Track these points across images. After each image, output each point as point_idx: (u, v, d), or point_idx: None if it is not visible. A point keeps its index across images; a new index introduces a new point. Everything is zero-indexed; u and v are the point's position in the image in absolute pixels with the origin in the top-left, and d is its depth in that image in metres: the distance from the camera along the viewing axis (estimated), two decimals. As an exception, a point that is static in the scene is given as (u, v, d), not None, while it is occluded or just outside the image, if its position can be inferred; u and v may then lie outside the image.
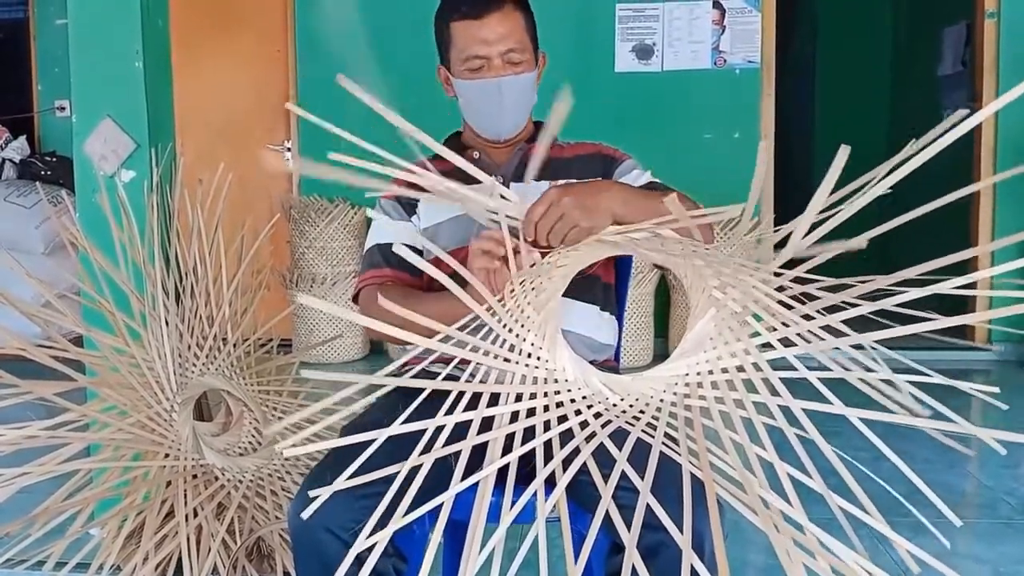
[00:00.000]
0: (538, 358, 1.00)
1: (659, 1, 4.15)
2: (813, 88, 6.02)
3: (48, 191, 4.24)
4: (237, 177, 1.90)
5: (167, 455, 1.72)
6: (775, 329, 0.87)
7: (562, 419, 0.94)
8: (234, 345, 1.86)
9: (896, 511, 0.82)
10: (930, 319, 0.74)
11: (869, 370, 0.81)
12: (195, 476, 1.72)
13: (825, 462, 0.82)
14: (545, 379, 0.99)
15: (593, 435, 0.91)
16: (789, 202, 2.26)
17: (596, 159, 1.43)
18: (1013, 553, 1.94)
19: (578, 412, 0.96)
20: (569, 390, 1.00)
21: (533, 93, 1.39)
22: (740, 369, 0.91)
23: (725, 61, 4.15)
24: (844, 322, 0.80)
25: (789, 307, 0.86)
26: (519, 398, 0.95)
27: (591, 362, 1.39)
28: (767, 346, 0.89)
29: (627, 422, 0.96)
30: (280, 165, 4.56)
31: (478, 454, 0.88)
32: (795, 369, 0.85)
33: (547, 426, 0.92)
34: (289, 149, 4.49)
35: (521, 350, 1.00)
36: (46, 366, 1.66)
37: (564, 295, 1.13)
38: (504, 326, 0.99)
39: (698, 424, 0.87)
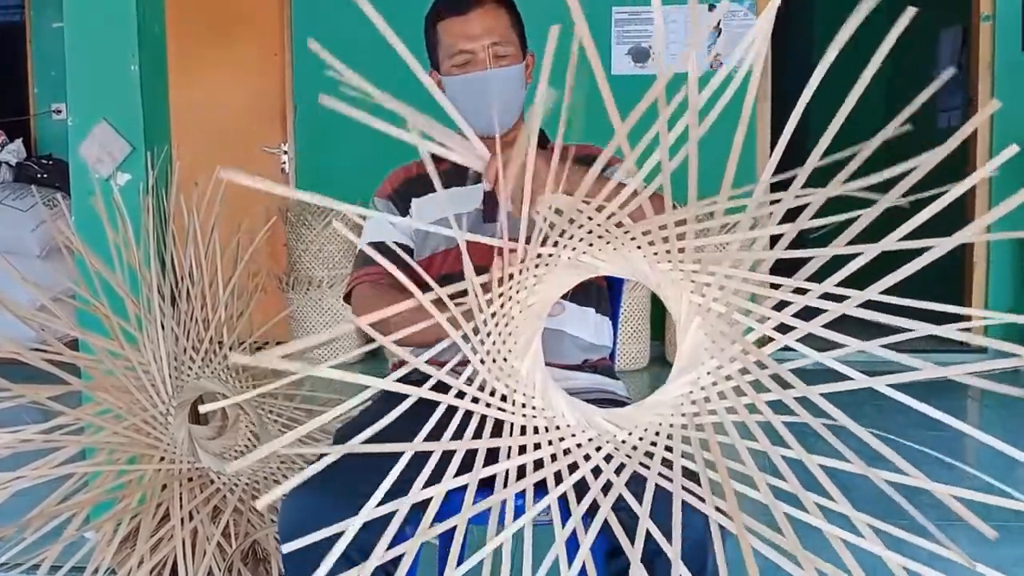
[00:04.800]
0: (533, 407, 0.95)
1: (655, 4, 4.16)
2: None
3: (44, 194, 4.23)
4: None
5: (162, 458, 1.71)
6: (767, 319, 0.85)
7: (573, 467, 0.89)
8: (230, 348, 1.85)
9: (899, 516, 0.81)
10: (906, 242, 0.71)
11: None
12: (191, 479, 1.72)
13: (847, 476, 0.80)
14: (546, 428, 0.94)
15: (609, 484, 0.86)
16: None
17: (590, 162, 1.43)
18: (1010, 556, 1.93)
19: (587, 457, 0.91)
20: (573, 435, 0.94)
21: (521, 88, 1.40)
22: (744, 372, 0.86)
23: (721, 64, 4.16)
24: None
25: (775, 287, 0.84)
26: (523, 450, 0.90)
27: (584, 361, 1.39)
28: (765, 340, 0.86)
29: (640, 462, 0.90)
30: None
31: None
32: (803, 356, 0.82)
33: (559, 477, 0.86)
34: (286, 152, 4.49)
35: (514, 401, 0.95)
36: (41, 370, 1.66)
37: (560, 298, 1.12)
38: (488, 369, 0.94)
39: (714, 444, 0.83)
